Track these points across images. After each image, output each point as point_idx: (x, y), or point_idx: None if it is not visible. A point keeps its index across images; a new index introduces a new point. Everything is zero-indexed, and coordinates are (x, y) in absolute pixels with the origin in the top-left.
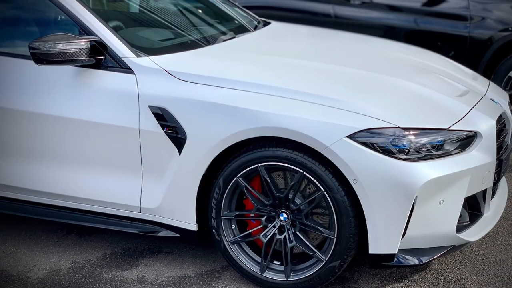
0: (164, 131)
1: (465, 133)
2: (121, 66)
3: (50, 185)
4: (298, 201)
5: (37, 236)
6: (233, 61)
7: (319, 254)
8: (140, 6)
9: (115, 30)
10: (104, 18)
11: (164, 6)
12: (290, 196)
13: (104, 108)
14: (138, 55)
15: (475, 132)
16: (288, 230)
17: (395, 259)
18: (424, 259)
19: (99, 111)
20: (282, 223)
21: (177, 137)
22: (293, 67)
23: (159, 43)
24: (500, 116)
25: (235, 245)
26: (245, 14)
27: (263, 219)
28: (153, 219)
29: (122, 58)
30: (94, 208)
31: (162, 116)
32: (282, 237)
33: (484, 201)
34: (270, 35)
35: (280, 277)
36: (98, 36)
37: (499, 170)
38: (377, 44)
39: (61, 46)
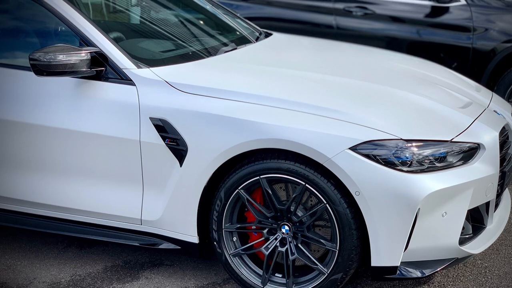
0: (165, 143)
1: (468, 145)
2: (122, 78)
3: (50, 197)
4: (300, 213)
5: (37, 249)
6: (235, 72)
7: (321, 266)
8: (141, 17)
9: (116, 41)
10: (105, 29)
11: (165, 17)
12: (292, 208)
13: (104, 120)
14: (139, 67)
15: (478, 144)
16: (290, 242)
17: (398, 271)
18: (427, 272)
19: (99, 122)
20: (284, 236)
21: (178, 149)
22: (295, 79)
23: (160, 54)
24: (503, 127)
25: (236, 257)
26: (246, 25)
27: (265, 231)
28: (154, 232)
29: (123, 70)
30: (94, 220)
31: (163, 128)
32: (284, 249)
33: (487, 213)
34: (271, 46)
35: None
36: (98, 47)
37: (502, 182)
38: (380, 55)
39: (62, 58)
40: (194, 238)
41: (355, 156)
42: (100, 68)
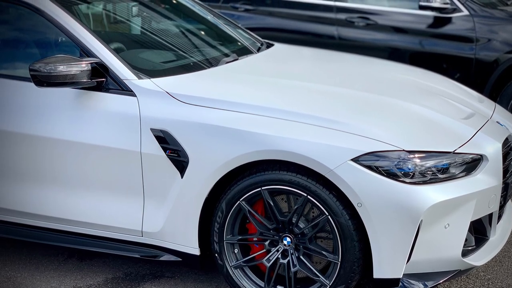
0: (166, 154)
1: (470, 156)
2: (123, 89)
3: (50, 209)
4: (301, 225)
5: (38, 261)
6: (236, 83)
7: (323, 278)
8: (141, 27)
9: (117, 52)
10: (106, 39)
11: (166, 28)
12: (294, 220)
13: (105, 131)
14: (139, 77)
15: (481, 155)
16: (292, 254)
17: (400, 283)
18: (430, 284)
19: (100, 134)
20: (285, 247)
21: (179, 160)
22: (297, 90)
23: (161, 65)
24: (506, 138)
25: (238, 269)
26: (248, 36)
27: (267, 243)
28: (155, 243)
29: (124, 80)
30: (95, 232)
31: (164, 139)
32: (285, 261)
33: (490, 225)
34: (273, 57)
35: None
36: (99, 58)
37: (505, 194)
38: (382, 66)
39: (62, 68)
40: (195, 250)
41: (357, 168)
42: (101, 79)
